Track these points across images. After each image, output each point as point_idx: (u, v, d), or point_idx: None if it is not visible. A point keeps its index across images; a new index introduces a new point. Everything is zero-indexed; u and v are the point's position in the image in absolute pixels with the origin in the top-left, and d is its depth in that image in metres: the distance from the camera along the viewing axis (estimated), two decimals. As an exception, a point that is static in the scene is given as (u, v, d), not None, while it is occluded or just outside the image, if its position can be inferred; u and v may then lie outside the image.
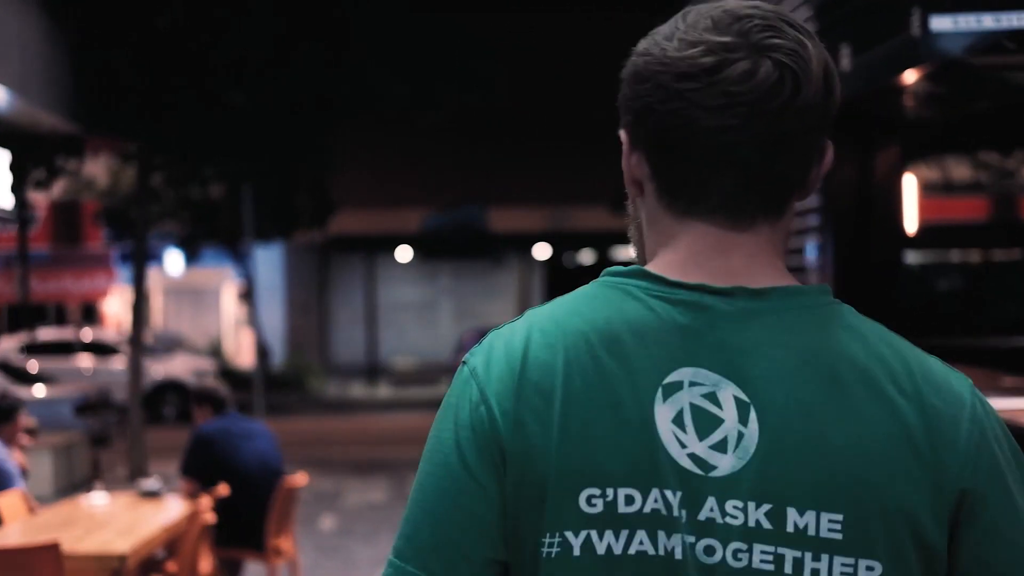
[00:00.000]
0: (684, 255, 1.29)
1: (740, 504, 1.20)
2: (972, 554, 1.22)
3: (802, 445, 1.20)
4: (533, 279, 33.37)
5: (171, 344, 27.40)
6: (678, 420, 1.22)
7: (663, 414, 1.22)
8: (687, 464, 1.21)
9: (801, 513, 1.19)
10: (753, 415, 1.21)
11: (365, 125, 16.82)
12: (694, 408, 1.22)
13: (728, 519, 1.20)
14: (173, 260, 30.08)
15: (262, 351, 31.28)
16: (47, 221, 28.74)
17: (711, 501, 1.20)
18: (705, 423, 1.22)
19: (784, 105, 1.24)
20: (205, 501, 6.40)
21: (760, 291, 1.26)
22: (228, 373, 26.01)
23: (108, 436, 16.04)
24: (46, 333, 23.61)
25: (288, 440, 12.64)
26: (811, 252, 6.99)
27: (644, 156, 1.31)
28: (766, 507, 1.20)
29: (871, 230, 6.61)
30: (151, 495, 6.99)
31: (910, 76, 5.53)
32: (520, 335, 1.29)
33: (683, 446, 1.21)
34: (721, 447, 1.21)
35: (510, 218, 30.65)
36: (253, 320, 24.63)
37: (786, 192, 1.30)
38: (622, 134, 1.34)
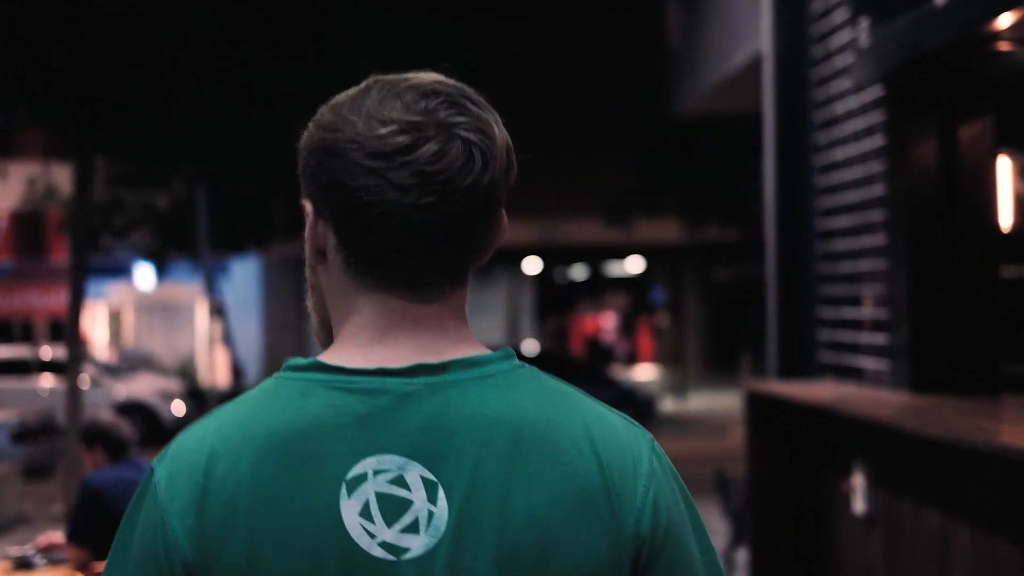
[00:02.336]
0: (368, 332, 1.32)
1: None
2: None
3: (487, 517, 1.25)
4: (523, 295, 32.34)
5: (138, 363, 26.04)
6: (365, 512, 1.25)
7: (350, 509, 1.25)
8: (379, 553, 1.24)
9: None
10: (441, 493, 1.25)
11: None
12: (380, 496, 1.25)
13: None
14: (143, 274, 28.81)
15: (236, 369, 29.98)
16: (9, 232, 27.34)
17: None
18: (393, 509, 1.25)
19: (473, 184, 1.28)
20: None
21: (440, 366, 1.29)
22: (198, 393, 24.58)
23: (50, 466, 14.48)
24: (1, 351, 22.11)
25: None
26: (875, 257, 5.46)
27: (331, 227, 1.33)
28: None
29: (956, 228, 5.09)
30: (23, 567, 5.43)
31: (1007, 19, 4.06)
32: (203, 443, 1.29)
33: (372, 536, 1.25)
34: (413, 528, 1.25)
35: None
36: (227, 337, 23.45)
37: (469, 262, 1.35)
38: (306, 203, 1.35)
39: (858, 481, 5.30)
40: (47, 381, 21.01)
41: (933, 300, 5.06)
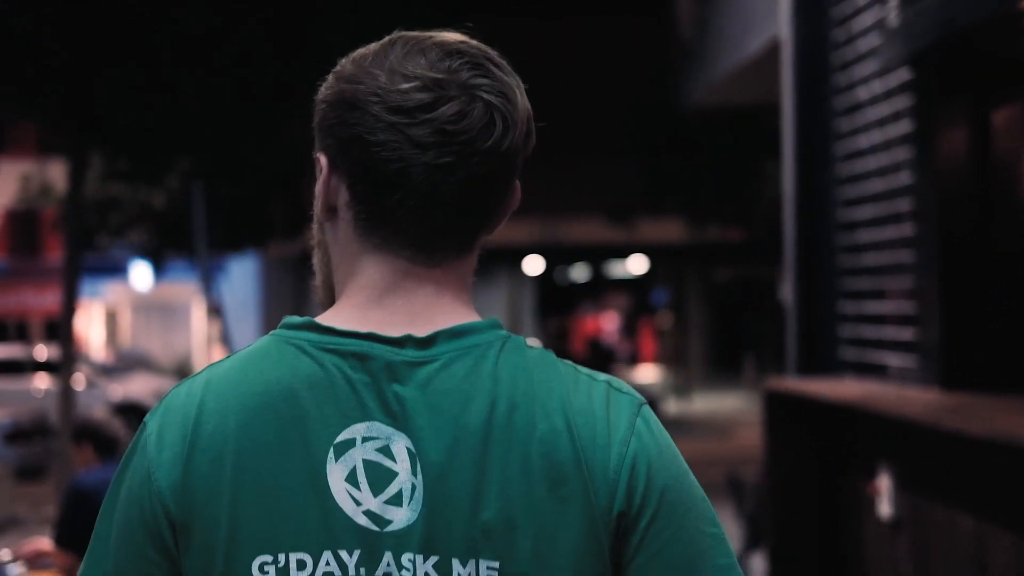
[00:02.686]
0: (367, 292, 1.32)
1: (412, 557, 1.23)
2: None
3: (459, 494, 1.23)
4: (524, 295, 32.06)
5: (135, 363, 25.80)
6: (352, 478, 1.24)
7: (336, 473, 1.24)
8: (363, 522, 1.24)
9: (464, 563, 1.23)
10: (419, 466, 1.24)
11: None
12: (368, 464, 1.24)
13: (404, 572, 1.23)
14: (140, 273, 28.55)
15: (235, 370, 29.67)
16: (3, 230, 27.10)
17: (388, 556, 1.24)
18: (380, 478, 1.24)
19: (493, 147, 1.28)
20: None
21: (427, 339, 1.28)
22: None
23: (43, 468, 14.22)
24: (-5, 351, 21.89)
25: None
26: (902, 249, 5.21)
27: (344, 183, 1.32)
28: (433, 559, 1.23)
29: (989, 217, 4.83)
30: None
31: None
32: (195, 398, 1.29)
33: (358, 504, 1.24)
34: (397, 500, 1.24)
35: (499, 229, 28.91)
36: (224, 337, 23.23)
37: (481, 229, 1.33)
38: (320, 157, 1.33)
39: (884, 483, 5.05)
40: (41, 381, 20.76)
41: (966, 292, 4.81)
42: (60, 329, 11.97)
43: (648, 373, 33.47)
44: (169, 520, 1.25)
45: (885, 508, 5.03)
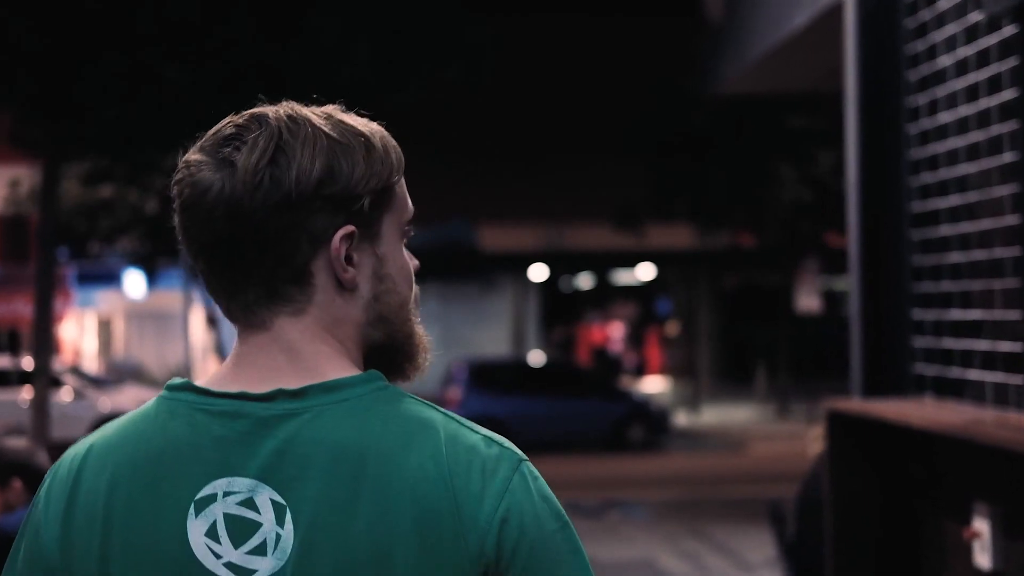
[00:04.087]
0: (235, 359, 1.40)
1: None
2: None
3: (330, 541, 1.28)
4: (528, 303, 31.34)
5: (127, 374, 25.07)
6: (211, 532, 1.30)
7: (196, 529, 1.30)
8: (224, 573, 1.28)
9: None
10: (288, 516, 1.29)
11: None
12: (228, 517, 1.30)
13: None
14: (134, 281, 27.84)
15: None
16: (-7, 237, 26.33)
17: None
18: (241, 530, 1.30)
19: (217, 211, 1.34)
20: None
21: (298, 392, 1.34)
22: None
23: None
24: (-19, 361, 21.14)
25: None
26: (1000, 245, 4.34)
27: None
28: None
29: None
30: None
31: None
32: (78, 458, 1.38)
33: (218, 557, 1.29)
34: (260, 550, 1.29)
35: (502, 235, 29.03)
36: (219, 347, 22.51)
37: (283, 286, 1.37)
38: None
39: (982, 527, 4.19)
40: (29, 393, 19.97)
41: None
42: (35, 339, 11.13)
43: (655, 384, 32.63)
44: (56, 571, 1.33)
45: (983, 558, 4.18)
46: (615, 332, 34.59)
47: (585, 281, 35.58)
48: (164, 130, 10.76)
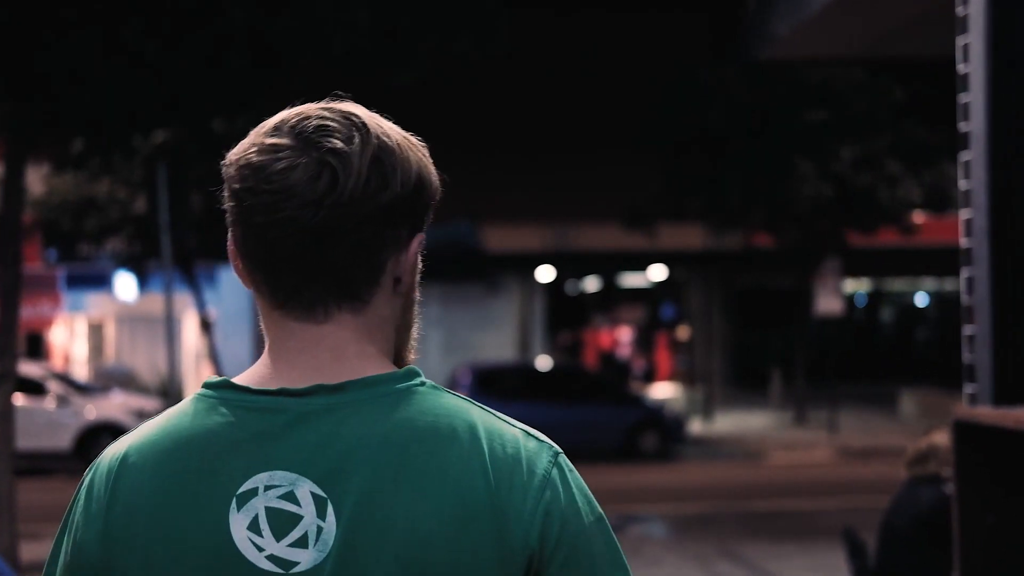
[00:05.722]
0: (275, 353, 1.43)
1: None
2: None
3: (373, 534, 1.32)
4: (534, 306, 30.59)
5: (116, 380, 24.13)
6: (254, 526, 1.33)
7: (238, 523, 1.34)
8: (266, 566, 1.32)
9: None
10: (330, 509, 1.33)
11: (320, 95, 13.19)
12: (270, 511, 1.34)
13: None
14: (124, 284, 26.91)
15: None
16: (-24, 237, 25.39)
17: None
18: (282, 523, 1.33)
19: (319, 199, 1.37)
20: None
21: (338, 386, 1.38)
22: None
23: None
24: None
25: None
26: None
27: (238, 253, 1.45)
28: None
29: None
30: None
31: None
32: (119, 455, 1.41)
33: (260, 550, 1.33)
34: (302, 543, 1.33)
35: (508, 236, 28.45)
36: (212, 352, 21.60)
37: (356, 282, 1.41)
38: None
39: None
40: (15, 399, 18.97)
41: None
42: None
43: (664, 390, 31.69)
44: (96, 567, 1.37)
45: None
46: (623, 336, 33.72)
47: (592, 284, 34.79)
48: (141, 109, 9.76)
